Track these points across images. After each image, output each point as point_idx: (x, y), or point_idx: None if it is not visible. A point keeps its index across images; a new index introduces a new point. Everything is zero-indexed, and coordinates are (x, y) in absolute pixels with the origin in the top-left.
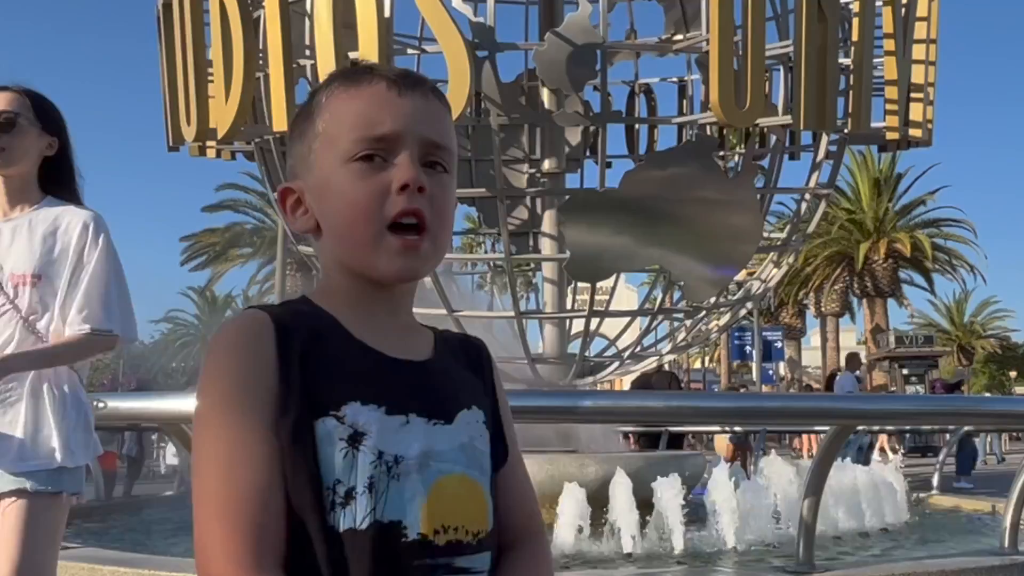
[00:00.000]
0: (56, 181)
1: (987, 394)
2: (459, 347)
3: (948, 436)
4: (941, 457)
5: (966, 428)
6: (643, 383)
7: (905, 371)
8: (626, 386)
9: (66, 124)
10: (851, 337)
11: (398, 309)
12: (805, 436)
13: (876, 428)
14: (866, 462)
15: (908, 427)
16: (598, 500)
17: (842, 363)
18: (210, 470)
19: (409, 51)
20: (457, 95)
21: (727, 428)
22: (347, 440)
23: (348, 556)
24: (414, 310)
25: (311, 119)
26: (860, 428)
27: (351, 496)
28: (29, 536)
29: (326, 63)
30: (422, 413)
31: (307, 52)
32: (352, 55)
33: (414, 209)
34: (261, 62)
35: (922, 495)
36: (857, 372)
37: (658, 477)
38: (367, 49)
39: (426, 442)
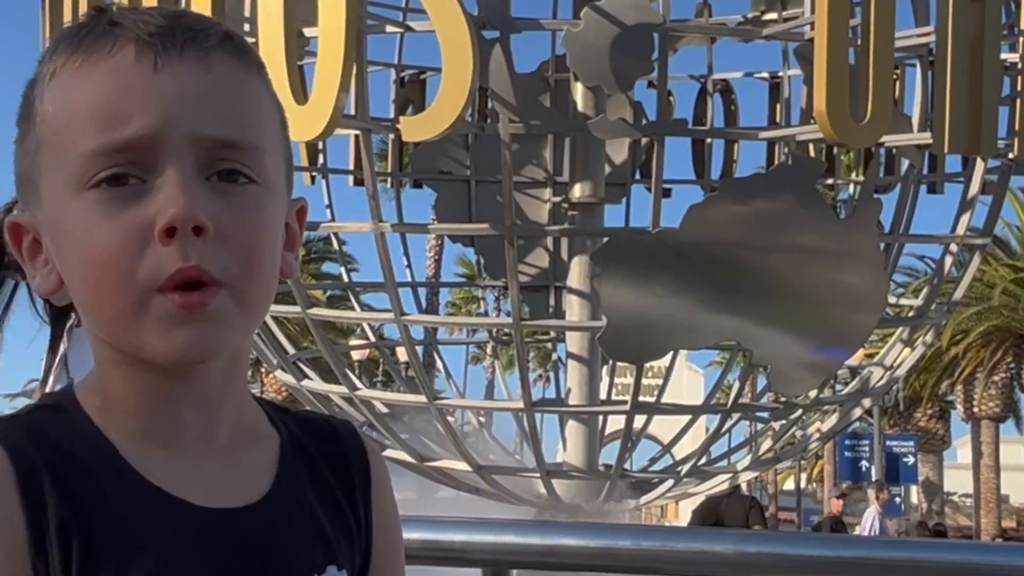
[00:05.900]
0: None
1: None
2: (317, 448)
3: None
4: None
5: None
6: (709, 510)
7: None
8: (684, 515)
9: None
10: (1018, 451)
11: (216, 402)
12: None
13: None
14: None
15: None
16: None
17: (1002, 486)
18: None
19: (389, 28)
20: (455, 92)
21: None
22: None
23: None
24: None
25: (31, 112)
26: None
27: None
28: None
29: (271, 43)
30: None
31: (246, 26)
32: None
33: (190, 269)
34: None
35: None
36: None
37: None
38: (329, 23)
39: None
